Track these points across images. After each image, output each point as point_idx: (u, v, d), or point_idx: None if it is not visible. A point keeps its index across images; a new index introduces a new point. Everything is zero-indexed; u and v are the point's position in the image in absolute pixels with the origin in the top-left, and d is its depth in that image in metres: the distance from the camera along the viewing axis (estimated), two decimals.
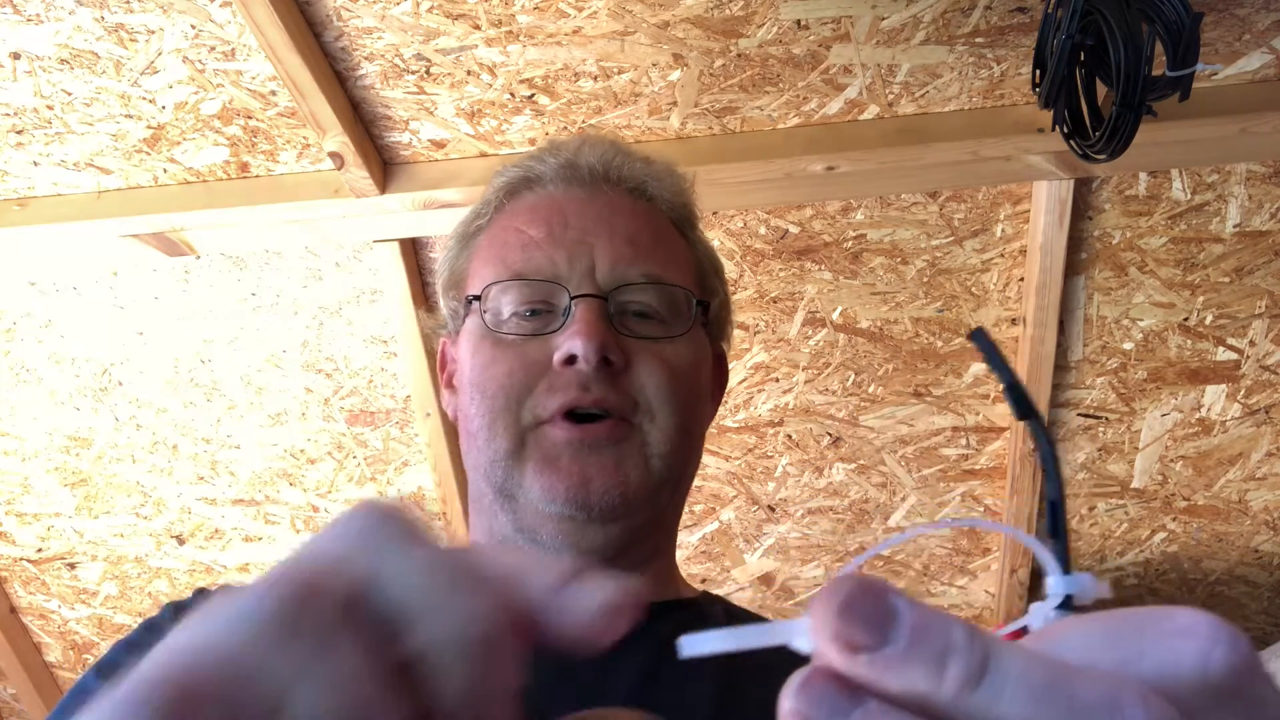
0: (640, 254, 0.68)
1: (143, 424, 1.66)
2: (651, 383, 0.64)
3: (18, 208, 1.39)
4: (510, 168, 0.75)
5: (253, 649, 0.21)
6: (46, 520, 1.79)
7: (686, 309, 0.69)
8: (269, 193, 1.38)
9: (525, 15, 1.20)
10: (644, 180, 0.74)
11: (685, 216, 0.76)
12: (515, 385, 0.64)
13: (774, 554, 1.84)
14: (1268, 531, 1.81)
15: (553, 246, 0.67)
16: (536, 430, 0.63)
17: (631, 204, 0.72)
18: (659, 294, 0.67)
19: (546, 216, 0.70)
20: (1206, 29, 1.22)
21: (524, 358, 0.65)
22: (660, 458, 0.64)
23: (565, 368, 0.63)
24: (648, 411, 0.64)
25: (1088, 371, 1.59)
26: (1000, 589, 1.85)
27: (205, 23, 1.19)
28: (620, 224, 0.69)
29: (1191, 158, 1.35)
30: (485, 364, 0.66)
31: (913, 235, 1.45)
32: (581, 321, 0.63)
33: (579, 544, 0.63)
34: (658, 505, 0.66)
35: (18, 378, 1.61)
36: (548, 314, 0.66)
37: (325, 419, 1.66)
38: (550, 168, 0.73)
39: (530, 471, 0.63)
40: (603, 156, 0.73)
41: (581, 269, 0.66)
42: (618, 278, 0.66)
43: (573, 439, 0.62)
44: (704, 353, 0.72)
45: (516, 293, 0.67)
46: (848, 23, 1.23)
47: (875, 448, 1.69)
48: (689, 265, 0.73)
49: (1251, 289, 1.50)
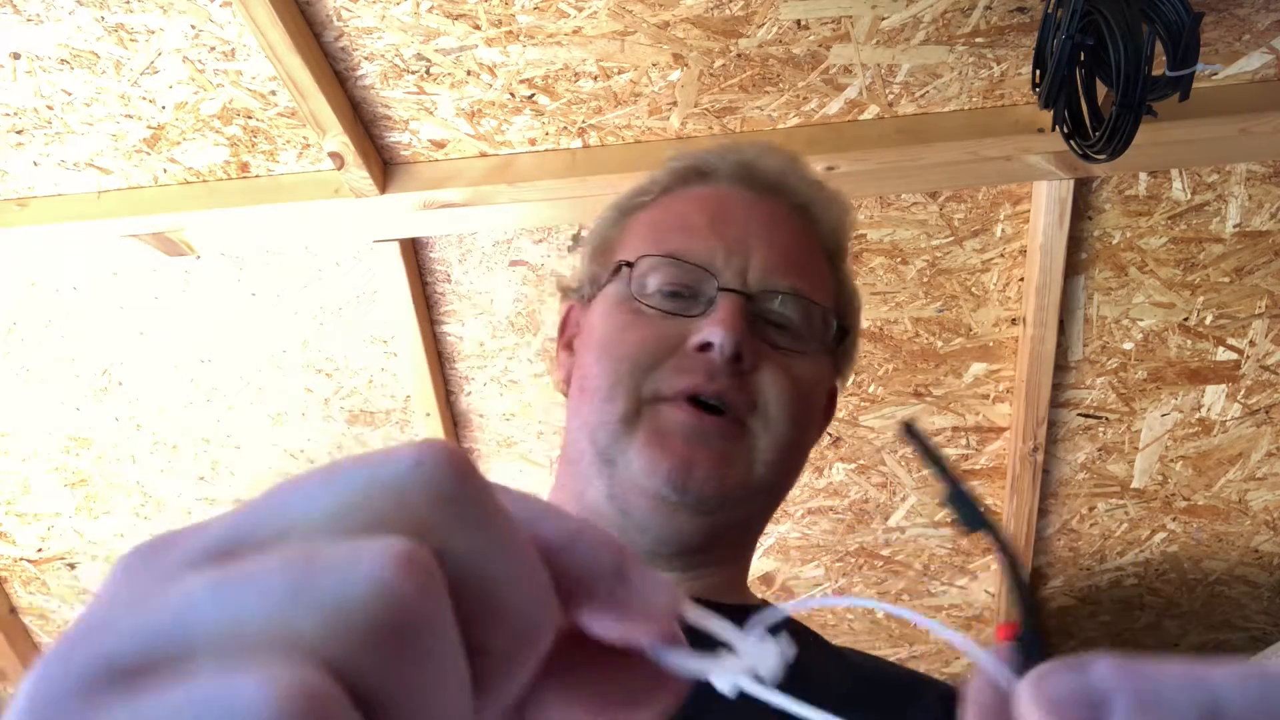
0: (792, 267, 0.69)
1: (143, 424, 1.66)
2: (774, 390, 0.65)
3: (18, 208, 1.39)
4: (686, 155, 0.77)
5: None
6: (47, 520, 1.79)
7: (823, 330, 0.70)
8: (269, 193, 1.38)
9: (525, 15, 1.20)
10: (812, 202, 0.75)
11: (838, 247, 0.77)
12: (645, 355, 0.65)
13: (774, 554, 1.85)
14: (1268, 531, 1.81)
15: (713, 237, 0.68)
16: (654, 405, 0.64)
17: (795, 220, 0.73)
18: (801, 309, 0.68)
19: (713, 208, 0.71)
20: (1206, 29, 1.22)
21: (659, 332, 0.65)
22: (765, 464, 0.65)
23: (698, 353, 0.64)
24: (764, 416, 0.65)
25: (1088, 371, 1.59)
26: (1000, 589, 1.85)
27: (205, 23, 1.19)
28: (780, 234, 0.70)
29: (1191, 158, 1.35)
30: (619, 328, 0.67)
31: (913, 235, 1.45)
32: (724, 312, 0.64)
33: (666, 527, 0.63)
34: (750, 509, 0.67)
35: (18, 378, 1.61)
36: (690, 299, 0.67)
37: (325, 419, 1.66)
38: (727, 164, 0.74)
39: (639, 443, 0.63)
40: (779, 167, 0.74)
41: (735, 266, 0.67)
42: (767, 283, 0.67)
43: (688, 422, 0.63)
44: (826, 377, 0.72)
45: (667, 271, 0.67)
46: (848, 23, 1.23)
47: (875, 448, 1.69)
48: (833, 294, 0.74)
49: (1251, 289, 1.50)
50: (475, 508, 0.19)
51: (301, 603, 0.16)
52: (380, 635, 0.16)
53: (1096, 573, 1.89)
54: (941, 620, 1.95)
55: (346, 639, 0.16)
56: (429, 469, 0.19)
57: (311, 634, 0.16)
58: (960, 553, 1.85)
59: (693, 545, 0.64)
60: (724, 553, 0.67)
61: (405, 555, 0.17)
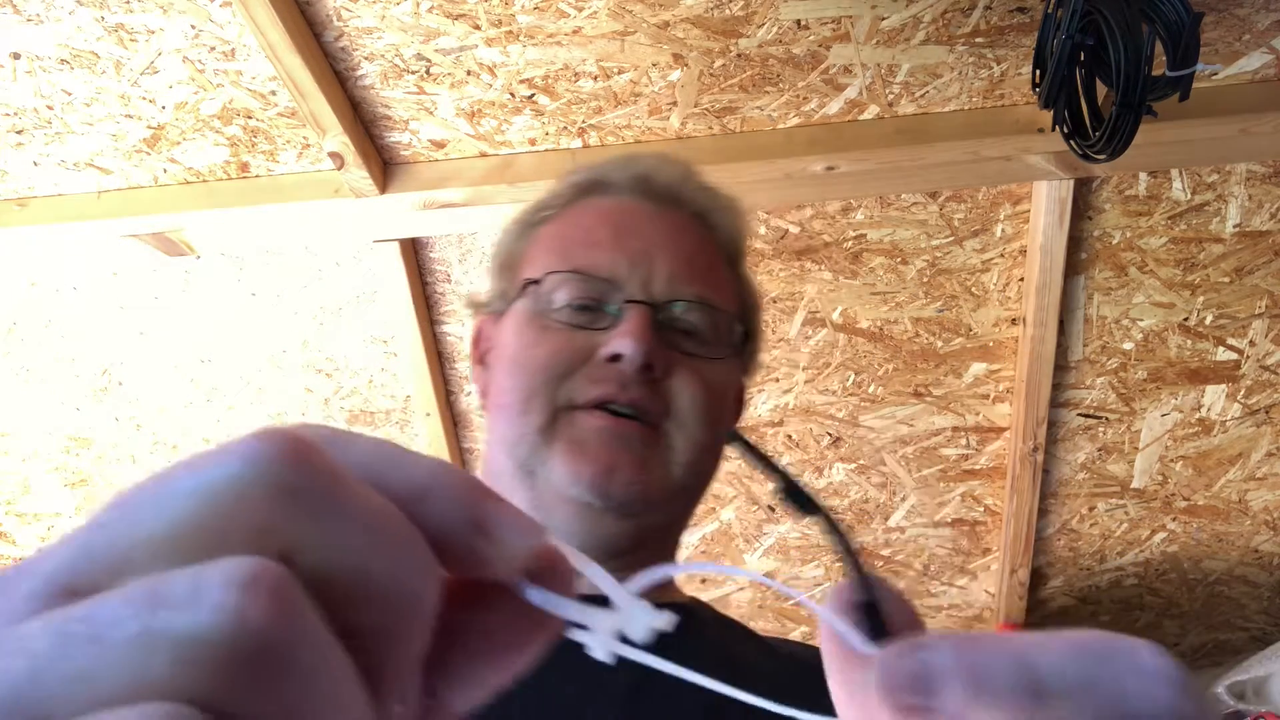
0: (695, 275, 0.71)
1: (143, 424, 1.66)
2: (686, 395, 0.66)
3: (18, 208, 1.39)
4: (584, 169, 0.78)
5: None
6: (47, 520, 1.79)
7: (729, 334, 0.71)
8: (269, 193, 1.38)
9: (525, 15, 1.20)
10: (709, 209, 0.77)
11: (737, 252, 0.79)
12: (557, 366, 0.66)
13: (774, 554, 1.85)
14: (1268, 531, 1.81)
15: (617, 250, 0.69)
16: (569, 414, 0.65)
17: (695, 228, 0.75)
18: (707, 315, 0.70)
19: (615, 221, 0.72)
20: (1206, 29, 1.22)
21: (569, 344, 0.67)
22: (682, 466, 0.66)
23: (608, 364, 0.65)
24: (677, 420, 0.66)
25: (1088, 371, 1.59)
26: (1000, 589, 1.85)
27: (205, 23, 1.19)
28: (683, 243, 0.72)
29: (1191, 158, 1.35)
30: (530, 344, 0.68)
31: (913, 235, 1.45)
32: (631, 324, 0.65)
33: (591, 533, 0.64)
34: (672, 511, 0.68)
35: (18, 378, 1.61)
36: (598, 312, 0.68)
37: (325, 419, 1.66)
38: (625, 177, 0.76)
39: (558, 453, 0.64)
40: (676, 177, 0.76)
41: (640, 277, 0.68)
42: (672, 292, 0.69)
43: (605, 427, 0.64)
44: (735, 380, 0.75)
45: (574, 285, 0.69)
46: (848, 23, 1.23)
47: (875, 448, 1.69)
48: (734, 297, 0.76)
49: (1251, 289, 1.50)
50: (322, 496, 0.18)
51: (150, 646, 0.15)
52: (240, 666, 0.16)
53: (1096, 573, 1.89)
54: (943, 620, 1.95)
55: (204, 678, 0.15)
56: (264, 464, 0.18)
57: (167, 679, 0.15)
58: (960, 553, 1.85)
59: (618, 548, 0.65)
60: (649, 554, 0.68)
61: (251, 577, 0.16)
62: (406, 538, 0.19)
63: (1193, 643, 2.04)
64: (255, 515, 0.18)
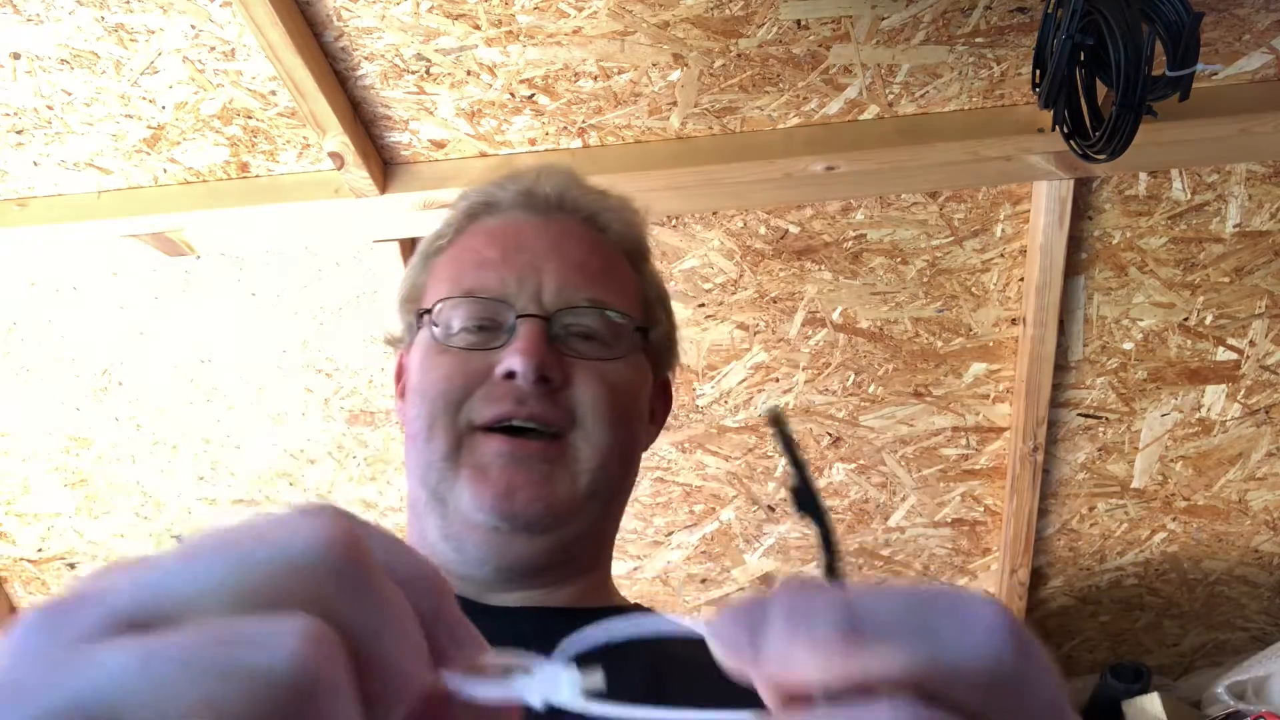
0: (587, 279, 0.71)
1: (143, 424, 1.66)
2: (588, 398, 0.67)
3: (18, 208, 1.40)
4: (472, 191, 0.80)
5: None
6: (47, 520, 1.79)
7: (627, 333, 0.72)
8: (269, 193, 1.38)
9: (525, 15, 1.20)
10: (596, 211, 0.77)
11: (636, 248, 0.79)
12: (454, 390, 0.67)
13: (774, 554, 1.84)
14: (1268, 531, 1.81)
15: (504, 268, 0.70)
16: (471, 436, 0.66)
17: (584, 232, 0.76)
18: (602, 318, 0.70)
19: (501, 239, 0.73)
20: (1206, 29, 1.22)
21: (465, 366, 0.67)
22: (589, 472, 0.67)
23: (504, 381, 0.66)
24: (582, 426, 0.67)
25: (1088, 371, 1.59)
26: (1000, 589, 1.85)
27: (205, 23, 1.19)
28: (571, 250, 0.73)
29: (1191, 158, 1.35)
30: (428, 370, 0.69)
31: (913, 235, 1.45)
32: (523, 339, 0.66)
33: (504, 555, 0.65)
34: (586, 520, 0.68)
35: (18, 378, 1.61)
36: (494, 330, 0.69)
37: (325, 419, 1.66)
38: (509, 194, 0.77)
39: (463, 479, 0.65)
40: (558, 186, 0.77)
41: (529, 290, 0.69)
42: (563, 300, 0.69)
43: (504, 450, 0.64)
44: (643, 376, 0.74)
45: (466, 309, 0.70)
46: (848, 23, 1.23)
47: (875, 448, 1.69)
48: (635, 294, 0.76)
49: (1251, 289, 1.50)
50: (363, 582, 0.22)
51: (228, 675, 0.18)
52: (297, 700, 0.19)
53: (1096, 573, 1.89)
54: None
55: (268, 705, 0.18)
56: (323, 547, 0.21)
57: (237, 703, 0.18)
58: (960, 553, 1.85)
59: (538, 565, 0.66)
60: (578, 564, 0.69)
61: (315, 633, 0.19)
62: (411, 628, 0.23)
63: (1193, 643, 2.04)
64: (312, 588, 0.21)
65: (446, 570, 0.68)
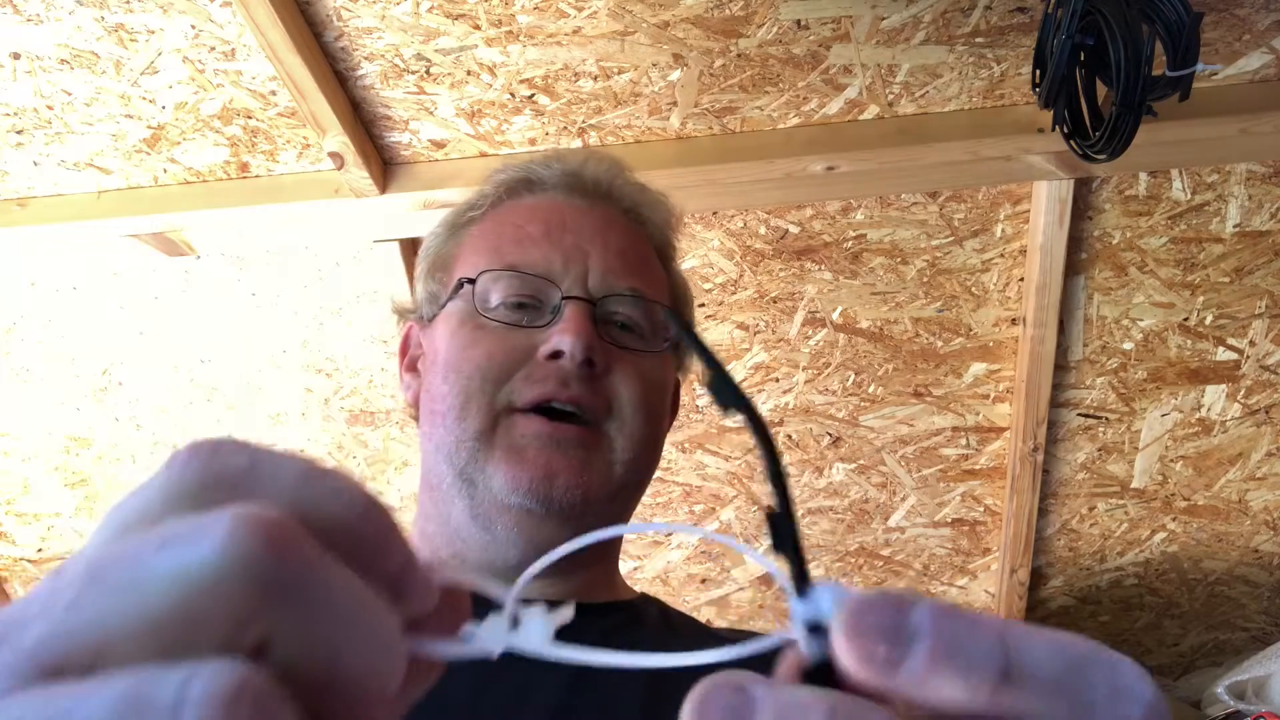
0: (630, 269, 0.70)
1: (143, 424, 1.66)
2: (626, 391, 0.66)
3: (18, 208, 1.39)
4: (511, 167, 0.77)
5: None
6: (47, 520, 1.79)
7: (664, 328, 0.71)
8: (269, 193, 1.38)
9: (525, 15, 1.20)
10: (639, 205, 0.76)
11: (667, 247, 0.79)
12: (494, 368, 0.64)
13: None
14: (1268, 531, 1.81)
15: (550, 246, 0.68)
16: (508, 418, 0.64)
17: (625, 223, 0.74)
18: (643, 309, 0.69)
19: (546, 218, 0.71)
20: (1206, 29, 1.22)
21: (506, 344, 0.65)
22: (623, 464, 0.66)
23: (549, 361, 0.64)
24: (618, 417, 0.66)
25: (1088, 371, 1.59)
26: (1000, 589, 1.85)
27: (205, 23, 1.19)
28: (614, 238, 0.71)
29: (1191, 158, 1.35)
30: (464, 345, 0.66)
31: (913, 235, 1.45)
32: (572, 320, 0.64)
33: (534, 538, 0.63)
34: (614, 510, 0.67)
35: (18, 378, 1.61)
36: (534, 309, 0.67)
37: (325, 419, 1.66)
38: (554, 174, 0.75)
39: (496, 460, 0.63)
40: (606, 173, 0.75)
41: (575, 272, 0.68)
42: (608, 287, 0.68)
43: (542, 432, 0.63)
44: (671, 374, 0.74)
45: (508, 283, 0.68)
46: (848, 23, 1.23)
47: (875, 448, 1.69)
48: (666, 291, 0.76)
49: (1251, 289, 1.50)
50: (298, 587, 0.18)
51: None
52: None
53: (1096, 573, 1.89)
54: None
55: None
56: (242, 553, 0.18)
57: None
58: (960, 553, 1.85)
59: None
60: (595, 554, 0.67)
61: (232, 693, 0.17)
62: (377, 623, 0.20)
63: (1193, 643, 2.04)
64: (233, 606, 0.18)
65: (467, 555, 0.67)
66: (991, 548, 1.83)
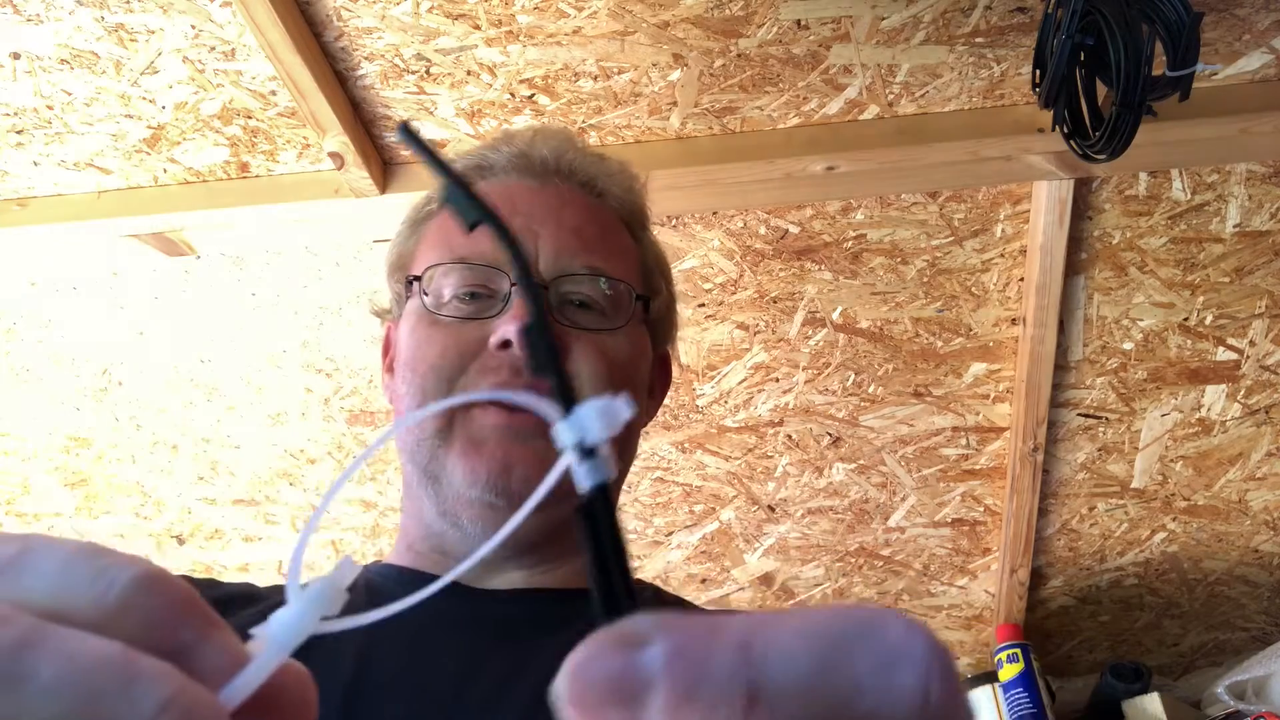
0: (585, 246, 0.68)
1: (143, 424, 1.66)
2: (586, 371, 0.64)
3: (18, 208, 1.39)
4: (464, 156, 0.76)
5: None
6: (47, 520, 1.79)
7: (627, 303, 0.69)
8: (269, 193, 1.37)
9: (525, 15, 1.20)
10: (595, 176, 0.74)
11: (635, 215, 0.76)
12: (447, 365, 0.64)
13: (774, 554, 1.84)
14: (1268, 531, 1.81)
15: None
16: (466, 413, 0.63)
17: (581, 198, 0.72)
18: (601, 286, 0.67)
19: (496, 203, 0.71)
20: (1206, 29, 1.22)
21: (459, 338, 0.65)
22: None
23: (500, 351, 0.63)
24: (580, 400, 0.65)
25: (1088, 371, 1.59)
26: (1000, 589, 1.85)
27: (205, 23, 1.19)
28: (568, 215, 0.70)
29: (1191, 158, 1.35)
30: (419, 343, 0.66)
31: (913, 235, 1.45)
32: (519, 307, 0.63)
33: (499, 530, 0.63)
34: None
35: (18, 378, 1.61)
36: (488, 299, 0.66)
37: (325, 419, 1.66)
38: (503, 157, 0.73)
39: (455, 454, 0.62)
40: (555, 149, 0.74)
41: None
42: (560, 267, 0.66)
43: (499, 424, 0.61)
44: (643, 349, 0.72)
45: (458, 276, 0.67)
46: (848, 23, 1.23)
47: (875, 448, 1.69)
48: (634, 262, 0.73)
49: (1251, 289, 1.50)
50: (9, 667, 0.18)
51: None
52: None
53: (1096, 573, 1.89)
54: (942, 620, 1.95)
55: None
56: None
57: None
58: (960, 553, 1.85)
59: (531, 542, 0.64)
60: (567, 543, 0.66)
61: None
62: (127, 679, 0.19)
63: (1193, 643, 2.04)
64: None
65: (445, 549, 0.66)
66: (991, 548, 1.83)
